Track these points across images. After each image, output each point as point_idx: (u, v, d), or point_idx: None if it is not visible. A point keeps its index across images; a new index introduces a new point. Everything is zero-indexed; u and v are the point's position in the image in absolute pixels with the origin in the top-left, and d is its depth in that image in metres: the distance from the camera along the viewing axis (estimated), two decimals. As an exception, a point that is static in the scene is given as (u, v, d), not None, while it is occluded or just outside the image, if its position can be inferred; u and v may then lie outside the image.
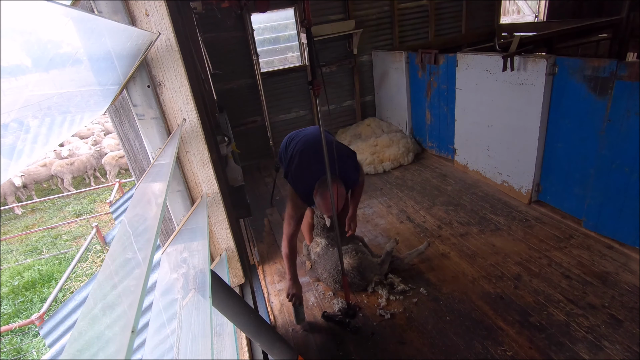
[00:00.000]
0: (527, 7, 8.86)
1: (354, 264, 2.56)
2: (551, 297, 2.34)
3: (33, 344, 4.16)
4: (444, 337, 2.19)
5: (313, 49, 1.94)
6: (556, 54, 2.90)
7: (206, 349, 0.68)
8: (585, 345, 2.00)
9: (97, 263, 5.28)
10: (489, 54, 3.39)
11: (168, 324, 0.82)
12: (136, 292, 0.46)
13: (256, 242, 3.46)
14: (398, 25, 5.42)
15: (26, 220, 7.21)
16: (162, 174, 0.80)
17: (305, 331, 2.40)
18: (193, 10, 3.35)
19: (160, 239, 1.12)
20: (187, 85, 1.03)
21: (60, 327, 2.77)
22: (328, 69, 5.38)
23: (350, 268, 2.55)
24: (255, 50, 4.89)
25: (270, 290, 2.84)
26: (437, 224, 3.29)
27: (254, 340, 1.23)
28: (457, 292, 2.50)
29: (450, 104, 4.09)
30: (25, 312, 4.71)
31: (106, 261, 0.56)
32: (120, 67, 0.73)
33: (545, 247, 2.78)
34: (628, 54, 5.36)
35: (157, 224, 0.60)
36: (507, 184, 3.55)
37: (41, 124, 0.48)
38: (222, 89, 4.99)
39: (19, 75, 0.46)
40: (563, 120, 2.89)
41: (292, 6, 4.97)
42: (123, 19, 0.91)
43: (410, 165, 4.61)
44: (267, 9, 4.04)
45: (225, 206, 1.23)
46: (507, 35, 6.01)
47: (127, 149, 1.09)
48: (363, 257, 2.60)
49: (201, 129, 1.10)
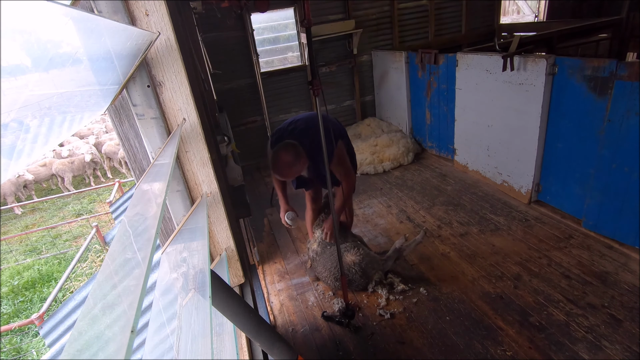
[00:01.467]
0: (527, 7, 8.86)
1: (357, 260, 2.55)
2: (551, 297, 2.34)
3: (33, 343, 4.16)
4: (443, 337, 2.19)
5: (312, 48, 1.94)
6: (556, 54, 2.90)
7: (206, 349, 0.68)
8: (585, 345, 2.00)
9: (96, 263, 5.28)
10: (489, 54, 3.39)
11: (168, 323, 0.82)
12: (136, 292, 0.46)
13: (256, 242, 3.46)
14: (398, 25, 5.42)
15: (26, 220, 7.21)
16: (162, 174, 0.80)
17: (305, 331, 2.40)
18: (193, 10, 3.34)
19: (160, 239, 1.12)
20: (187, 85, 1.03)
21: (60, 327, 2.77)
22: (328, 69, 5.38)
23: (352, 264, 2.54)
24: (255, 50, 4.89)
25: (270, 290, 2.84)
26: (437, 223, 3.29)
27: (253, 340, 1.23)
28: (457, 292, 2.50)
29: (450, 103, 4.09)
30: (25, 312, 4.71)
31: (106, 261, 0.56)
32: (120, 67, 0.73)
33: (545, 247, 2.78)
34: (628, 54, 5.36)
35: (157, 224, 0.60)
36: (507, 183, 3.55)
37: (41, 124, 0.48)
38: (222, 89, 4.99)
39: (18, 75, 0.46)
40: (563, 120, 2.89)
41: (292, 6, 4.97)
42: (123, 18, 0.91)
43: (410, 165, 4.61)
44: (267, 9, 4.04)
45: (225, 206, 1.23)
46: (507, 35, 6.01)
47: (127, 148, 1.09)
48: (365, 253, 2.59)
49: (201, 128, 1.10)
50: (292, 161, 2.08)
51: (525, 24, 6.74)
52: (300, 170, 2.17)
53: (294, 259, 3.17)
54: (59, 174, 7.87)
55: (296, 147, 2.11)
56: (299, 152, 2.11)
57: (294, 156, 2.08)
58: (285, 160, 2.08)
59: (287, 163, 2.08)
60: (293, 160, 2.08)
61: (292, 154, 2.08)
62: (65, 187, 7.89)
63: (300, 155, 2.11)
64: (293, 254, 3.22)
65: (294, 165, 2.10)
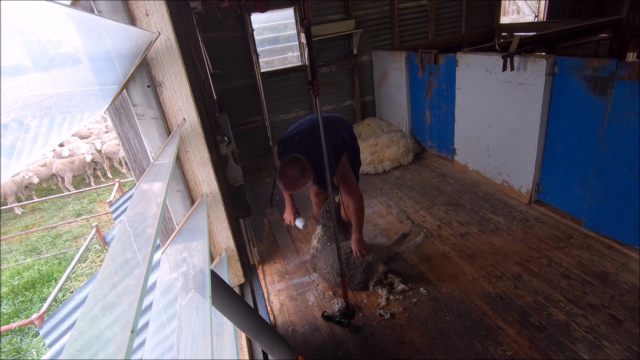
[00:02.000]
0: (527, 7, 8.86)
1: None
2: (551, 297, 2.34)
3: (33, 343, 4.16)
4: (443, 337, 2.19)
5: (312, 48, 1.94)
6: (556, 54, 2.89)
7: (206, 349, 0.68)
8: (585, 345, 2.00)
9: (97, 263, 5.28)
10: (489, 54, 3.39)
11: (168, 323, 0.82)
12: (136, 292, 0.46)
13: (256, 242, 3.46)
14: (398, 25, 5.42)
15: (26, 220, 7.21)
16: (162, 174, 0.80)
17: (305, 331, 2.40)
18: (193, 10, 3.34)
19: (160, 239, 1.12)
20: (187, 85, 1.03)
21: (60, 327, 2.77)
22: (328, 69, 5.38)
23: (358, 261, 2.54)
24: (255, 50, 4.88)
25: (270, 290, 2.84)
26: (437, 223, 3.29)
27: (253, 340, 1.23)
28: (457, 292, 2.50)
29: (450, 103, 4.09)
30: (25, 312, 4.72)
31: (106, 261, 0.56)
32: (120, 67, 0.73)
33: (545, 247, 2.78)
34: (628, 54, 5.36)
35: (157, 224, 0.60)
36: (507, 183, 3.55)
37: (41, 124, 0.48)
38: (222, 89, 4.99)
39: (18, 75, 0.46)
40: (563, 120, 2.89)
41: (292, 6, 4.97)
42: (123, 18, 0.91)
43: (410, 165, 4.61)
44: (267, 9, 4.04)
45: (225, 206, 1.23)
46: (507, 35, 6.00)
47: (127, 148, 1.09)
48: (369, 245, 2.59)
49: (201, 128, 1.10)
50: (298, 176, 2.15)
51: (525, 24, 6.74)
52: (306, 182, 2.24)
53: (294, 259, 3.17)
54: (59, 173, 7.88)
55: (302, 162, 2.17)
56: (304, 167, 2.17)
57: (299, 171, 2.15)
58: (291, 176, 2.14)
59: (293, 178, 2.15)
60: (299, 175, 2.15)
61: (298, 170, 2.14)
62: (66, 187, 7.89)
63: (305, 170, 2.17)
64: (293, 254, 3.22)
65: (299, 180, 2.16)
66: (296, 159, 2.18)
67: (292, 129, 2.46)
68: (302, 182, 2.18)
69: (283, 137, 2.46)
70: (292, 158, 2.19)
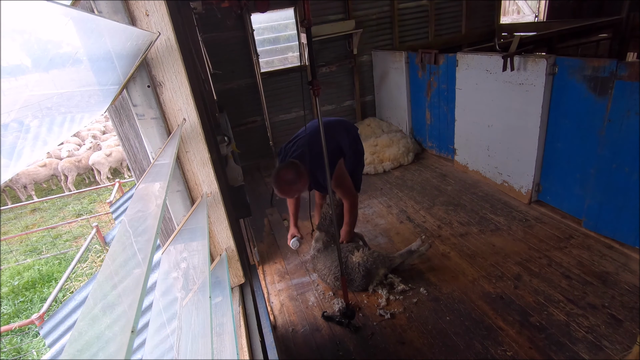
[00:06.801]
0: (527, 7, 8.86)
1: (361, 261, 2.54)
2: (551, 297, 2.34)
3: (33, 344, 4.16)
4: (444, 337, 2.19)
5: (313, 49, 1.95)
6: (556, 54, 2.89)
7: (206, 349, 0.68)
8: (585, 345, 2.00)
9: (97, 263, 5.28)
10: (489, 54, 3.39)
11: (168, 324, 0.82)
12: (136, 292, 0.46)
13: (256, 242, 3.46)
14: (398, 25, 5.42)
15: (26, 220, 7.21)
16: (162, 174, 0.80)
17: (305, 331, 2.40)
18: (193, 10, 3.35)
19: (160, 239, 1.12)
20: (187, 85, 1.03)
21: (60, 327, 2.76)
22: (328, 69, 5.38)
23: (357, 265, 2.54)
24: (255, 50, 4.89)
25: (271, 290, 2.84)
26: (437, 224, 3.29)
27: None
28: (457, 292, 2.50)
29: (450, 103, 4.09)
30: (25, 312, 4.71)
31: (106, 261, 0.56)
32: (120, 67, 0.73)
33: (545, 247, 2.78)
34: (628, 54, 5.36)
35: (157, 224, 0.60)
36: (507, 184, 3.55)
37: (41, 124, 0.48)
38: (222, 89, 4.99)
39: (18, 75, 0.46)
40: (563, 120, 2.88)
41: (292, 6, 4.97)
42: (123, 19, 0.90)
43: (410, 165, 4.61)
44: (267, 9, 4.04)
45: (225, 206, 1.23)
46: (507, 35, 6.01)
47: (127, 149, 1.09)
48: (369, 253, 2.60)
49: (201, 129, 1.10)
50: (293, 180, 2.13)
51: (525, 24, 6.74)
52: (302, 188, 2.22)
53: (294, 259, 3.17)
54: (64, 172, 7.86)
55: (297, 166, 2.15)
56: (300, 171, 2.15)
57: (294, 175, 2.13)
58: (285, 179, 2.13)
59: (287, 181, 2.13)
60: (294, 179, 2.13)
61: (292, 173, 2.13)
62: (67, 187, 7.88)
63: (301, 174, 2.15)
64: (293, 254, 3.22)
65: (294, 184, 2.15)
66: (292, 163, 2.18)
67: (292, 138, 2.49)
68: (297, 187, 2.16)
69: (283, 146, 2.49)
70: (288, 162, 2.19)
